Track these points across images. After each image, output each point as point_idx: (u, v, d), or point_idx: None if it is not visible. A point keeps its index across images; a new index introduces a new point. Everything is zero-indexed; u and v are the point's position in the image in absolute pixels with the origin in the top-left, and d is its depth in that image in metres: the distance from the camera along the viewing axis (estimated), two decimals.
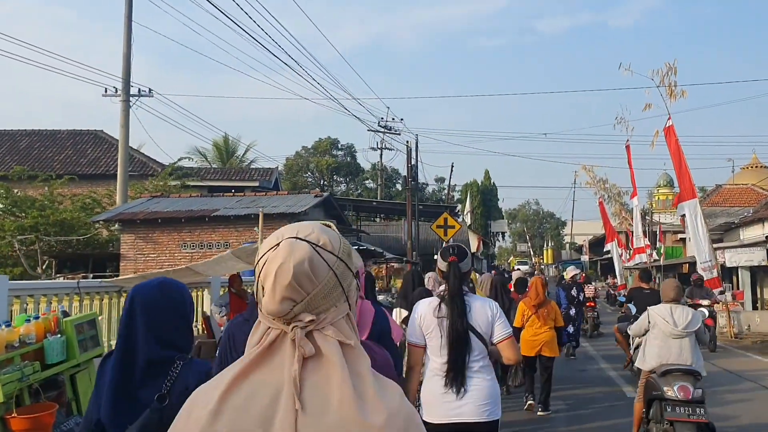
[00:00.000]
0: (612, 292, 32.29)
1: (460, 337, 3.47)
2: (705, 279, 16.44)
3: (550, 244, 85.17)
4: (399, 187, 61.11)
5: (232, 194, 19.30)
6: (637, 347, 6.68)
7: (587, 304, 15.79)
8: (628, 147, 27.74)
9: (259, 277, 1.22)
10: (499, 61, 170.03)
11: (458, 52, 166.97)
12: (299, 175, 57.83)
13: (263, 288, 1.20)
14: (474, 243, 37.64)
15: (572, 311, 13.06)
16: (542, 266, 64.09)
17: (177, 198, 19.30)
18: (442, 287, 3.72)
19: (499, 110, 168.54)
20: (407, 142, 24.30)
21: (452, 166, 32.75)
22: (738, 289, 18.72)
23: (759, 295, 20.89)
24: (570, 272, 14.17)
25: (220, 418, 1.14)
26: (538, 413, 7.92)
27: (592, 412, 8.31)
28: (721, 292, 16.10)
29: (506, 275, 15.82)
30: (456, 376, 3.46)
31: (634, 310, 9.69)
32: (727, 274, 20.46)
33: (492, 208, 73.42)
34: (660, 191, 56.69)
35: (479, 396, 3.48)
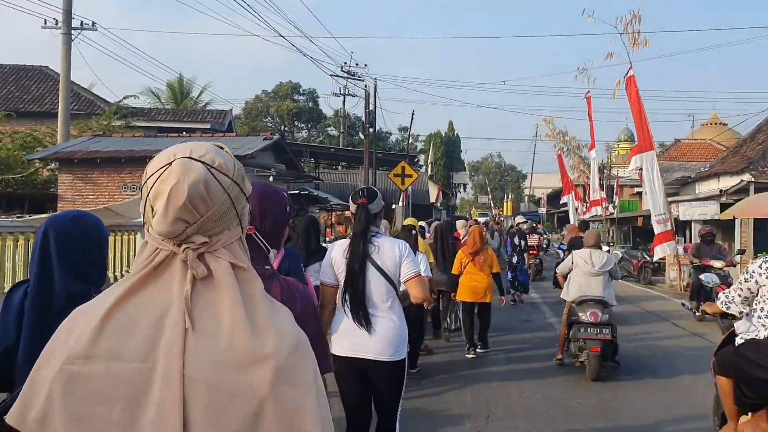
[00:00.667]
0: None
1: (354, 275, 3.54)
2: (658, 232, 16.38)
3: (510, 197, 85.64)
4: (362, 135, 60.18)
5: (177, 135, 18.41)
6: None
7: (530, 251, 16.31)
8: (588, 99, 27.49)
9: (148, 196, 1.17)
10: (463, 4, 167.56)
11: None
12: (258, 119, 56.41)
13: (153, 208, 1.16)
14: (433, 193, 37.33)
15: (514, 259, 13.62)
16: (501, 218, 64.43)
17: (119, 138, 18.33)
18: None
19: (462, 58, 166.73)
20: (366, 86, 23.51)
21: (413, 114, 32.28)
22: (690, 242, 18.75)
23: None
24: (518, 221, 14.85)
25: (102, 337, 1.11)
26: (477, 350, 8.34)
27: (531, 354, 8.67)
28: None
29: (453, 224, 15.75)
30: (356, 313, 3.53)
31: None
32: (681, 227, 20.52)
33: (455, 160, 73.11)
34: (620, 146, 57.00)
35: (384, 335, 3.54)
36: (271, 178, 15.92)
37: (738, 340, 4.23)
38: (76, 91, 25.60)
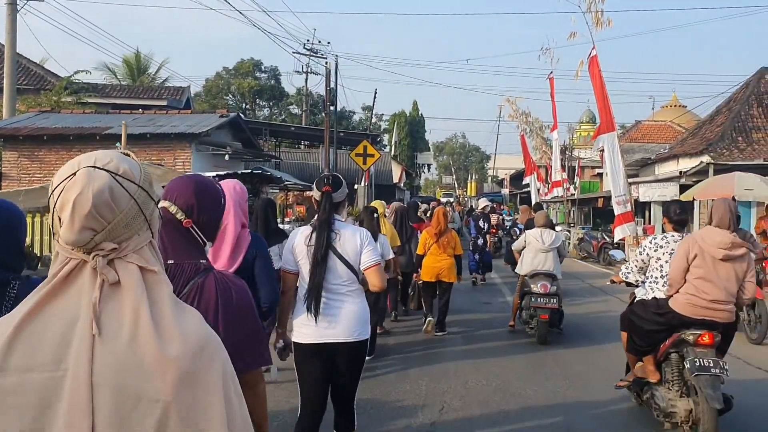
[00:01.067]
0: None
1: (319, 263, 3.57)
2: (618, 213, 16.40)
3: (474, 177, 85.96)
4: (325, 114, 59.40)
5: (130, 112, 17.74)
6: None
7: (491, 230, 16.65)
8: (551, 79, 27.40)
9: (54, 206, 1.19)
10: None
11: None
12: (219, 97, 55.22)
13: (60, 218, 1.18)
14: (396, 173, 37.08)
15: (480, 241, 13.96)
16: (465, 198, 64.57)
17: (68, 114, 17.57)
18: (317, 216, 3.77)
19: (426, 37, 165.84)
20: (326, 63, 22.97)
21: (375, 92, 31.78)
22: (649, 224, 18.87)
23: None
24: (481, 204, 15.22)
25: (13, 351, 1.13)
26: (435, 334, 8.44)
27: (490, 337, 8.71)
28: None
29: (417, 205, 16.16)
30: (312, 300, 3.56)
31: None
32: (640, 208, 20.66)
33: (419, 140, 72.94)
34: (582, 127, 57.50)
35: (348, 317, 3.61)
36: (226, 157, 15.44)
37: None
38: (25, 65, 24.52)
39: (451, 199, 45.14)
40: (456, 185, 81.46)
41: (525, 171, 33.63)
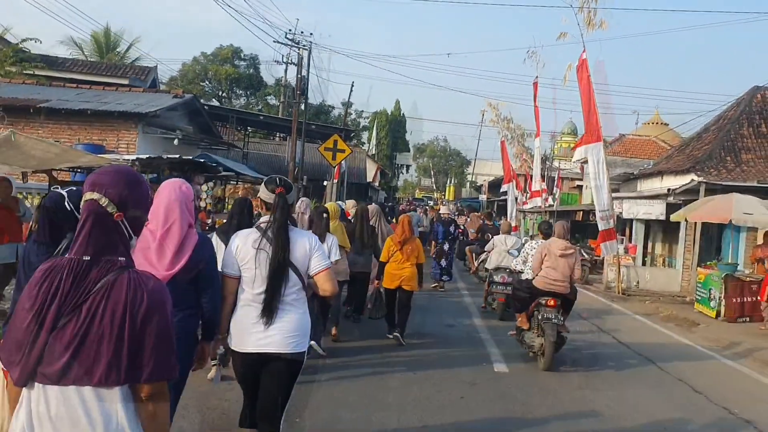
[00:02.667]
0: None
1: (280, 269, 3.47)
2: (602, 229, 15.21)
3: (453, 182, 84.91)
4: (303, 106, 57.78)
5: (89, 87, 16.13)
6: (483, 261, 12.75)
7: (458, 231, 17.22)
8: (535, 84, 26.22)
9: None
10: None
11: None
12: (195, 83, 53.36)
13: None
14: (371, 172, 35.69)
15: (446, 246, 14.07)
16: (443, 202, 63.44)
17: (5, 83, 15.90)
18: (265, 218, 3.63)
19: (410, 32, 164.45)
20: (299, 50, 21.50)
21: (352, 85, 30.19)
22: (630, 242, 17.69)
23: (650, 250, 20.08)
24: (444, 209, 15.98)
25: None
26: (395, 334, 8.37)
27: (440, 340, 8.77)
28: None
29: (386, 208, 15.76)
30: (269, 308, 3.47)
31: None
32: (620, 225, 19.53)
33: (399, 140, 71.78)
34: (563, 138, 56.66)
35: (288, 328, 3.51)
36: (176, 141, 13.92)
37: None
38: None
39: (431, 202, 43.98)
40: (435, 188, 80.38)
41: (504, 178, 32.35)
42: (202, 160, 8.72)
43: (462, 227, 18.56)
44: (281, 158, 28.83)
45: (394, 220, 16.06)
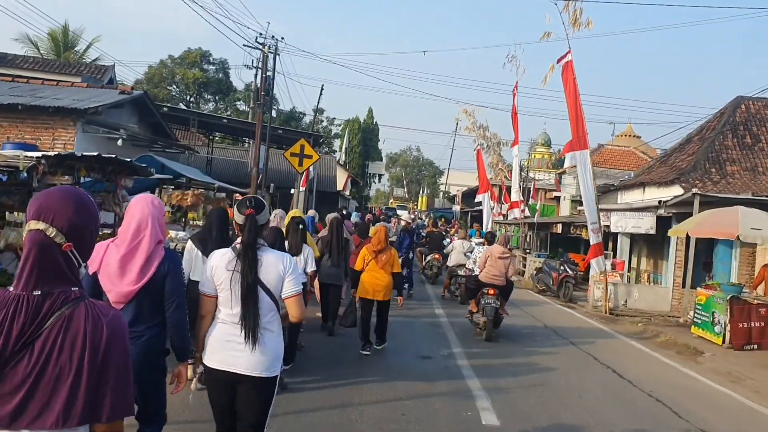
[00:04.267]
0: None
1: (249, 291, 3.44)
2: (593, 243, 14.06)
3: (426, 192, 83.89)
4: (274, 113, 56.26)
5: (11, 79, 14.51)
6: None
7: (422, 240, 18.46)
8: (515, 90, 25.18)
9: None
10: None
11: None
12: (161, 86, 51.53)
13: None
14: (341, 180, 34.30)
15: (411, 255, 14.71)
16: (416, 212, 62.32)
17: None
18: (238, 240, 3.60)
19: (385, 35, 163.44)
20: (265, 47, 20.09)
21: (321, 89, 28.91)
22: (618, 258, 16.56)
23: (635, 266, 19.01)
24: (405, 217, 16.80)
25: None
26: (375, 347, 8.44)
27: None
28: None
29: (344, 214, 16.50)
30: (248, 330, 3.41)
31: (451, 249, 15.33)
32: (604, 240, 18.44)
33: (371, 149, 70.54)
34: (537, 149, 56.02)
35: (260, 350, 3.44)
36: (120, 142, 12.42)
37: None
38: None
39: (406, 212, 42.72)
40: (409, 198, 79.33)
41: (479, 188, 31.22)
42: (128, 159, 7.29)
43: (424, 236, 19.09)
44: (247, 164, 27.30)
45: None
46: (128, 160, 7.34)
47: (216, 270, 3.50)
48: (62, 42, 33.58)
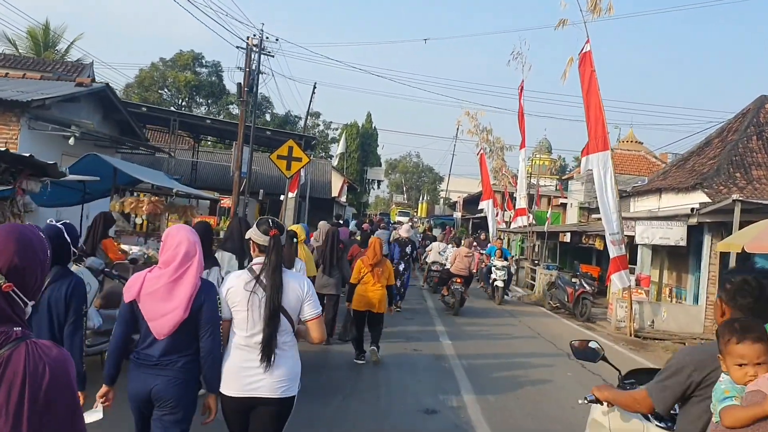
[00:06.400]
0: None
1: (274, 314, 3.43)
2: (614, 255, 12.36)
3: (426, 198, 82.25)
4: (268, 117, 54.72)
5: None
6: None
7: (416, 252, 18.57)
8: (521, 88, 23.50)
9: None
10: None
11: None
12: (152, 90, 49.95)
13: None
14: (337, 186, 32.56)
15: (401, 266, 14.08)
16: (415, 219, 60.62)
17: None
18: (258, 260, 3.56)
19: (384, 29, 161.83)
20: (247, 38, 18.42)
21: (314, 87, 27.13)
22: (642, 272, 14.84)
23: (657, 280, 17.26)
24: (404, 230, 16.29)
25: None
26: (371, 347, 8.43)
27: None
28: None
29: (339, 223, 15.93)
30: (267, 353, 3.39)
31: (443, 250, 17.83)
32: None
33: (370, 154, 68.96)
34: (538, 156, 54.44)
35: (278, 373, 3.42)
36: (71, 140, 10.70)
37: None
38: None
39: (406, 219, 40.99)
40: (409, 204, 77.83)
41: (482, 194, 29.48)
42: (27, 154, 5.58)
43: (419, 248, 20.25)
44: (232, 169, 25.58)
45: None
46: (27, 155, 5.62)
47: (233, 292, 3.46)
48: (42, 41, 31.99)
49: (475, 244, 20.00)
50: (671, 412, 2.69)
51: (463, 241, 15.55)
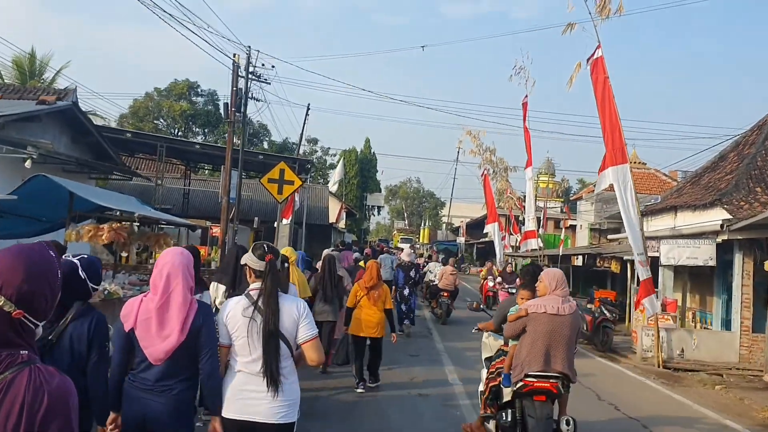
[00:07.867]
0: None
1: (271, 337, 3.42)
2: (643, 279, 11.12)
3: (427, 224, 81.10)
4: (266, 144, 53.78)
5: None
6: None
7: (419, 275, 18.40)
8: (525, 104, 22.42)
9: None
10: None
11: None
12: (147, 120, 49.07)
13: None
14: (334, 212, 31.37)
15: (406, 291, 13.80)
16: (417, 245, 59.29)
17: None
18: (255, 285, 3.55)
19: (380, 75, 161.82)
20: (234, 54, 17.44)
21: (308, 108, 26.09)
22: (667, 296, 13.56)
23: (680, 303, 15.96)
24: (406, 254, 16.26)
25: None
26: (368, 383, 8.38)
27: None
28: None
29: (341, 248, 15.18)
30: (272, 378, 3.38)
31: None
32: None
33: (370, 180, 67.97)
34: (540, 178, 53.29)
35: (279, 397, 3.41)
36: (28, 163, 9.55)
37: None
38: None
39: (408, 246, 39.73)
40: (411, 230, 76.71)
41: (487, 217, 28.28)
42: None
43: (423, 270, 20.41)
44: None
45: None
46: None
47: (231, 318, 3.46)
48: (28, 69, 31.14)
49: (499, 279, 18.90)
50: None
51: (450, 260, 18.47)
